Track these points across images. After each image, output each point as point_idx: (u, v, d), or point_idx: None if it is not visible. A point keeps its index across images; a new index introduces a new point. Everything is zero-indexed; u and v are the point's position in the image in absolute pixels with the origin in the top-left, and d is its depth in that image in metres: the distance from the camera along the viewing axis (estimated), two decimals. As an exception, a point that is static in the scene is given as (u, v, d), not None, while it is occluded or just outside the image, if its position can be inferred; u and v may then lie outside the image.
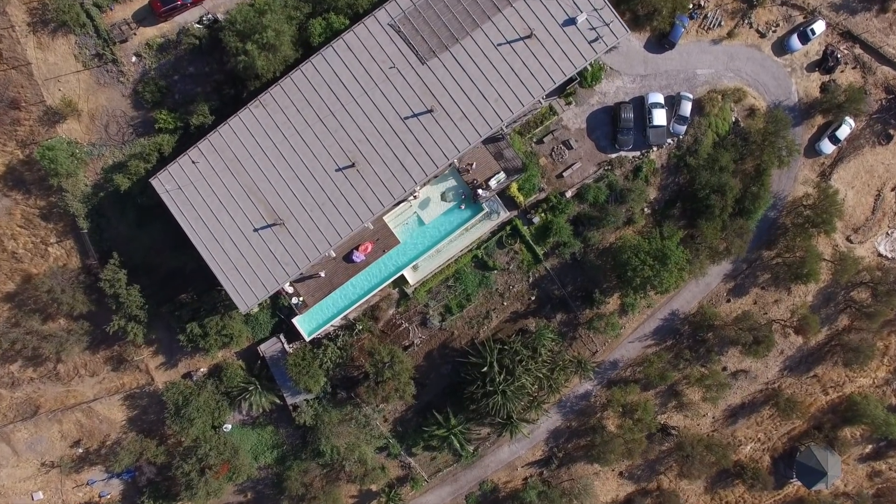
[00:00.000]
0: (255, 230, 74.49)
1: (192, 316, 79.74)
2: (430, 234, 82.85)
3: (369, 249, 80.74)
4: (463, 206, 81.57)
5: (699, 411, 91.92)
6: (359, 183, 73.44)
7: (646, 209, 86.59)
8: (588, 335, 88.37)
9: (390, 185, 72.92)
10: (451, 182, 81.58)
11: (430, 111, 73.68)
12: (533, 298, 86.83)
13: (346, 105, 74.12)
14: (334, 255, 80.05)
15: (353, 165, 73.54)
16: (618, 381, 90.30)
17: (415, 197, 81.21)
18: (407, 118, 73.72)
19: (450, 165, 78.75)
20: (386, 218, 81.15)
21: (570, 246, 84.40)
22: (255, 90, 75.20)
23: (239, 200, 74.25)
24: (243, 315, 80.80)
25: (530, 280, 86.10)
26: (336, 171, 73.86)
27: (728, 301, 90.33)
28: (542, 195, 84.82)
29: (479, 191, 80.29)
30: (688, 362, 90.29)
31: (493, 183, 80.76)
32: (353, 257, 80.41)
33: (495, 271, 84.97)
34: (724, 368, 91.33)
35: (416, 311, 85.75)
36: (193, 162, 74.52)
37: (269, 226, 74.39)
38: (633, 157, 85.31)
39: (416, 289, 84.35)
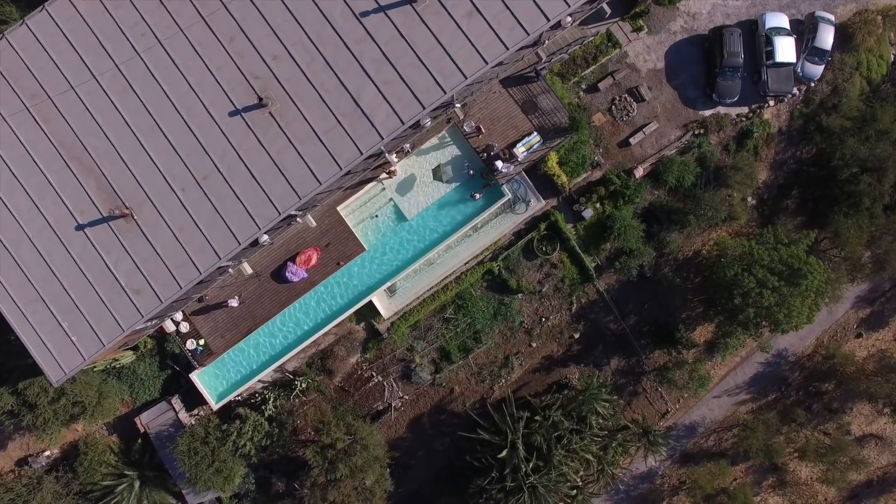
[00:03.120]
0: (80, 227, 29.18)
1: None
2: (415, 235, 38.64)
3: (314, 261, 37.10)
4: (475, 194, 37.14)
5: (809, 493, 48.21)
6: (275, 139, 28.32)
7: (749, 199, 42.99)
8: (655, 388, 44.74)
9: (334, 143, 28.13)
10: (451, 149, 37.53)
11: (412, 1, 29.46)
12: (577, 336, 42.75)
13: (250, -10, 29.22)
14: (250, 271, 36.36)
15: (262, 104, 28.40)
16: (696, 453, 46.27)
17: (389, 173, 37.79)
18: (366, 15, 28.53)
19: (447, 115, 35.20)
20: (341, 209, 37.52)
21: (637, 255, 40.36)
22: (99, -24, 31.31)
23: (49, 171, 28.58)
24: (104, 368, 37.06)
25: (573, 308, 42.15)
26: (232, 114, 29.81)
27: (859, 336, 45.95)
28: (597, 174, 40.94)
29: (498, 164, 36.44)
30: (799, 426, 46.62)
31: (519, 151, 36.95)
32: (287, 274, 36.70)
33: (520, 295, 40.26)
34: (848, 432, 47.53)
35: (393, 359, 41.69)
36: (-37, 98, 30.55)
37: (105, 219, 28.93)
38: (737, 115, 41.16)
39: (392, 324, 39.91)
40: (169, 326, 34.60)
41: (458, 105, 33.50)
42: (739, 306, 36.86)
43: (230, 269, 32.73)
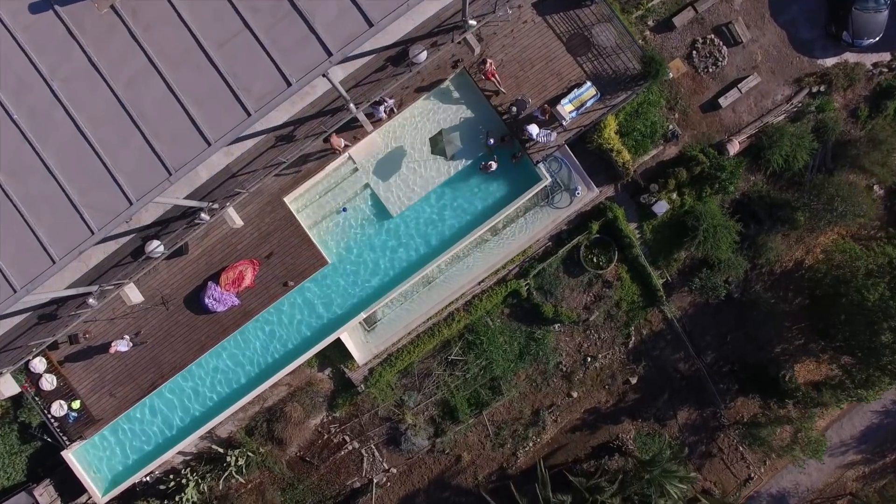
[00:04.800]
0: None
1: None
2: (405, 240, 23.48)
3: (247, 281, 21.45)
4: (488, 165, 20.53)
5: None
6: (125, 59, 12.31)
7: (876, 187, 27.60)
8: (735, 448, 29.35)
9: (236, 66, 12.04)
10: (459, 108, 20.35)
11: None
12: (634, 381, 27.24)
13: None
14: (139, 298, 20.64)
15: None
16: (785, 532, 31.11)
17: (343, 148, 21.41)
18: None
19: (453, 51, 19.04)
20: (289, 201, 21.91)
21: (724, 268, 25.29)
22: None
23: None
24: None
25: (631, 343, 26.64)
26: (38, 9, 14.75)
27: None
28: (672, 150, 25.44)
29: (533, 130, 20.79)
30: (926, 496, 31.18)
31: (565, 110, 21.33)
32: (207, 301, 21.14)
33: (557, 326, 24.37)
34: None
35: (374, 418, 26.14)
36: None
37: None
38: (873, 64, 25.81)
39: (372, 371, 24.24)
40: (7, 387, 18.87)
41: (473, 22, 17.70)
42: (888, 345, 21.31)
43: (90, 300, 17.04)
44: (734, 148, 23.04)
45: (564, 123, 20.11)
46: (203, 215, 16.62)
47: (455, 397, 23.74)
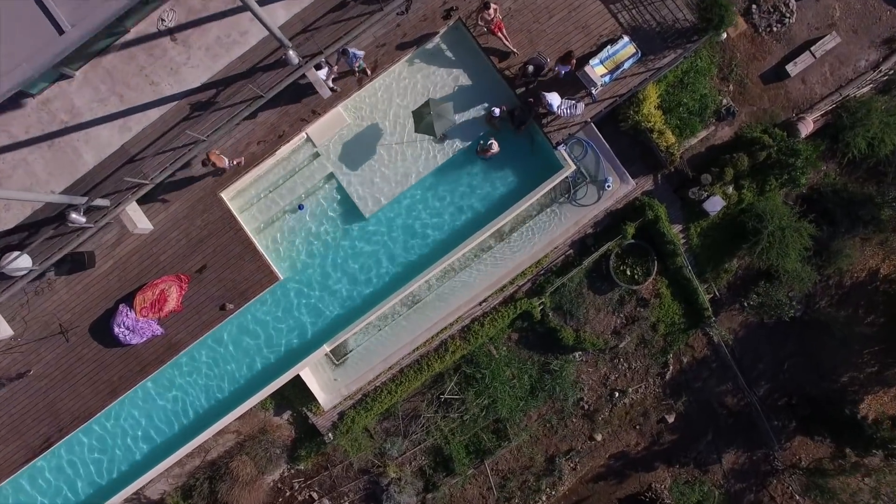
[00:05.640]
0: None
1: None
2: (381, 248, 17.67)
3: (173, 303, 15.39)
4: (488, 146, 14.64)
5: None
6: None
7: (971, 180, 21.29)
8: (790, 496, 23.49)
9: None
10: (454, 73, 14.60)
11: None
12: (671, 419, 21.65)
13: None
14: (8, 333, 14.72)
15: None
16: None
17: (213, 163, 15.05)
18: None
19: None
20: (227, 197, 16.03)
21: (788, 281, 19.34)
22: None
23: None
24: None
25: (668, 374, 20.82)
26: None
27: None
28: (726, 131, 19.36)
29: (553, 100, 14.99)
30: None
31: (595, 73, 15.45)
32: (118, 330, 15.25)
33: (578, 355, 19.08)
34: None
35: (348, 470, 20.38)
36: None
37: None
38: (977, 23, 19.81)
39: (343, 416, 19.02)
40: None
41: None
42: None
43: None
44: (806, 128, 16.93)
45: (595, 92, 14.01)
46: (74, 216, 10.61)
47: (450, 444, 17.79)
